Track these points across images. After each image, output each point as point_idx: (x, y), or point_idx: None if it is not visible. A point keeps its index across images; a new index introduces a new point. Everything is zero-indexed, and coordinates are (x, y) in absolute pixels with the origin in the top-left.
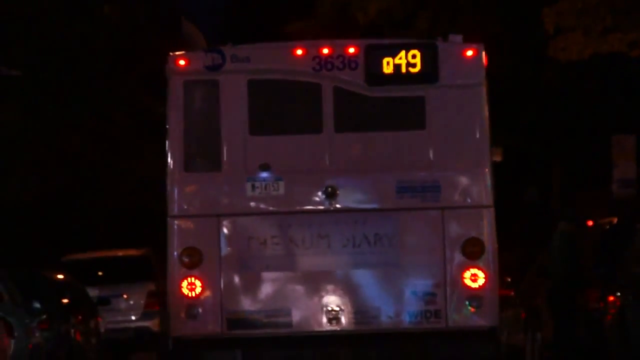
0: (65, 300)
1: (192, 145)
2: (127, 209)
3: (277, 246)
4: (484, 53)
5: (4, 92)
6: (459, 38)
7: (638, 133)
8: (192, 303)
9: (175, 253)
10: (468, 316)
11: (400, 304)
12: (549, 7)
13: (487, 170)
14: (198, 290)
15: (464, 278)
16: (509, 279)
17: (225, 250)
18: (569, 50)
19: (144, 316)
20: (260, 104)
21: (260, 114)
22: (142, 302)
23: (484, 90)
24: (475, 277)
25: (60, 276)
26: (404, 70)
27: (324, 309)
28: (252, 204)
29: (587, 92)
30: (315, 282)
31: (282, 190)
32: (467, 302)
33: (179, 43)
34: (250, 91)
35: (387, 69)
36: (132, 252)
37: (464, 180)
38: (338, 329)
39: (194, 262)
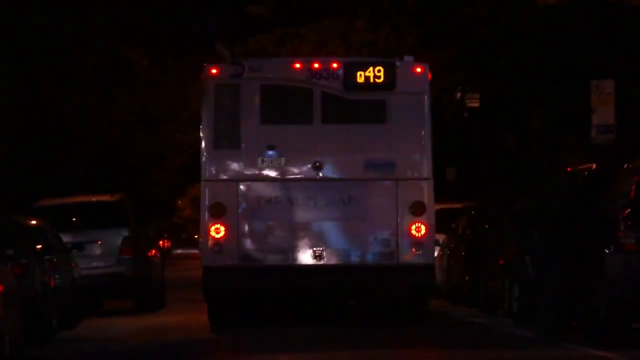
0: (38, 246)
1: (220, 130)
2: (100, 155)
3: (279, 204)
4: (428, 71)
5: None
6: (411, 58)
7: (617, 78)
8: (218, 242)
9: (206, 206)
10: (412, 256)
11: (365, 247)
12: None
13: (428, 155)
14: (222, 233)
15: (411, 229)
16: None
17: (241, 205)
18: None
19: (118, 262)
20: (269, 102)
21: (268, 108)
22: (116, 247)
23: (427, 96)
24: (418, 229)
25: (33, 222)
26: (371, 80)
27: (311, 248)
28: (262, 173)
29: (566, 36)
30: (305, 230)
31: (283, 164)
32: (412, 246)
33: (212, 57)
34: (262, 93)
35: (360, 79)
36: (106, 197)
37: (411, 161)
38: (320, 263)
39: (219, 213)
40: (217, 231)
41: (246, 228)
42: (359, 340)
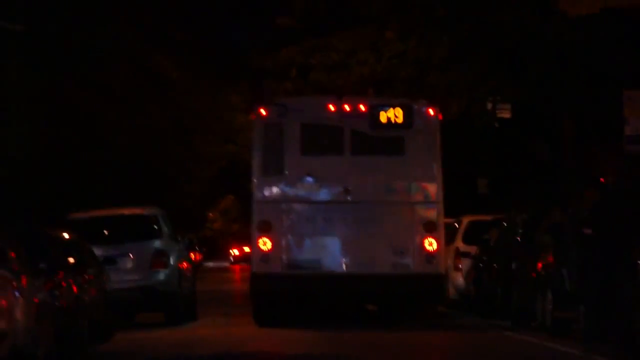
0: (71, 259)
1: (267, 160)
2: (132, 166)
3: (315, 221)
4: (439, 113)
5: (7, 46)
6: (425, 102)
7: None
8: (265, 253)
9: (256, 222)
10: (425, 266)
11: (386, 258)
12: None
13: (439, 182)
14: (268, 246)
15: (424, 244)
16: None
17: (284, 222)
18: (579, 4)
19: (150, 275)
20: (307, 137)
21: (307, 142)
22: (148, 261)
23: (438, 135)
24: (430, 244)
25: (66, 235)
26: (392, 120)
27: (341, 259)
28: (301, 195)
29: (598, 46)
30: (336, 244)
31: (318, 188)
32: (425, 258)
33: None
34: (302, 129)
35: (383, 119)
36: (138, 210)
37: (424, 187)
38: (349, 271)
39: (266, 228)
40: (264, 244)
41: (288, 241)
42: (388, 344)
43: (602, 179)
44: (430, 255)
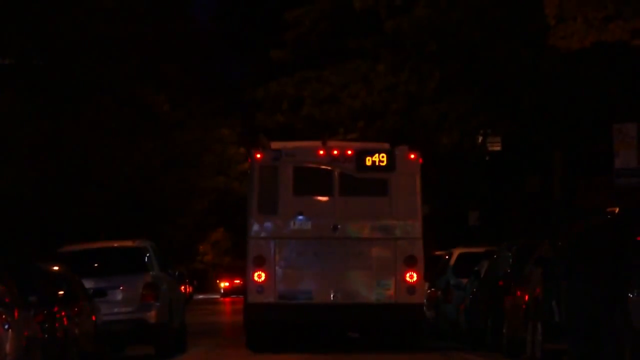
0: (61, 292)
1: (262, 199)
2: (123, 199)
3: (306, 256)
4: (420, 157)
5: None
6: (406, 147)
7: None
8: (259, 284)
9: (251, 257)
10: (407, 297)
11: (371, 289)
12: None
13: (419, 219)
14: (262, 278)
15: (406, 277)
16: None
17: (278, 256)
18: (569, 38)
19: (140, 308)
20: (299, 179)
21: (299, 184)
22: (138, 293)
23: (418, 176)
24: (411, 276)
25: (56, 268)
26: (377, 163)
27: (330, 290)
28: (293, 232)
29: (589, 80)
30: (325, 276)
31: (309, 226)
32: (406, 290)
33: (256, 143)
34: (294, 172)
35: (368, 162)
36: (128, 243)
37: (406, 225)
38: (336, 302)
39: (260, 262)
40: (259, 276)
41: (281, 274)
42: None
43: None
44: (411, 287)
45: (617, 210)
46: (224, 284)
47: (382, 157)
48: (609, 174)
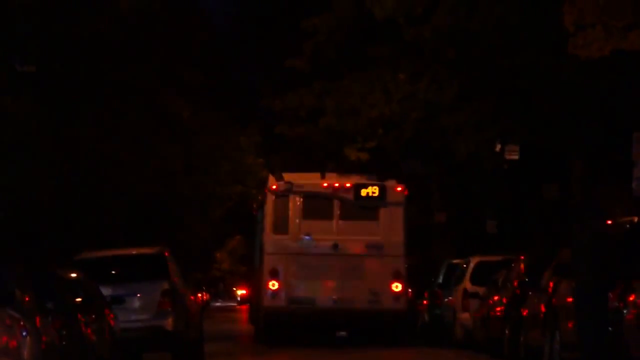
0: (78, 299)
1: (276, 222)
2: (142, 206)
3: (311, 269)
4: (405, 189)
5: (19, 87)
6: (394, 182)
7: None
8: (273, 292)
9: (267, 270)
10: (393, 304)
11: (364, 297)
12: (570, 3)
13: (403, 240)
14: (275, 286)
15: (392, 286)
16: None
17: (288, 269)
18: (589, 47)
19: (157, 315)
20: (307, 206)
21: (306, 210)
22: (155, 301)
23: (404, 206)
24: (397, 287)
25: (73, 275)
26: (370, 194)
27: (330, 297)
28: (301, 249)
29: (608, 88)
30: (327, 286)
31: (314, 244)
32: (393, 298)
33: (272, 174)
34: (304, 201)
35: (363, 193)
36: (146, 250)
37: (392, 244)
38: (335, 307)
39: (274, 274)
40: (273, 285)
41: (290, 284)
42: None
43: (609, 221)
44: (397, 295)
45: (635, 219)
46: (240, 292)
47: (375, 189)
48: (629, 183)
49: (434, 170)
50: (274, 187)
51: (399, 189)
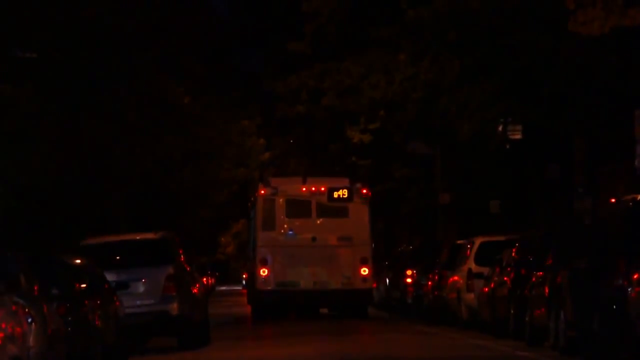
0: (83, 285)
1: (265, 221)
2: (145, 192)
3: (294, 257)
4: (369, 191)
5: (19, 75)
6: (360, 184)
7: None
8: (264, 277)
9: (258, 259)
10: (362, 284)
11: (338, 280)
12: None
13: (369, 232)
14: (266, 273)
15: (360, 270)
16: None
17: (276, 258)
18: (590, 24)
19: (162, 300)
20: (290, 206)
21: (289, 210)
22: (160, 285)
23: (368, 204)
24: (364, 270)
25: (78, 260)
26: (341, 196)
27: (310, 280)
28: (285, 242)
29: (610, 66)
30: (308, 271)
31: (296, 238)
32: (361, 279)
33: (262, 180)
34: (286, 202)
35: (335, 195)
36: (150, 235)
37: (360, 236)
38: (315, 288)
39: (264, 262)
40: (264, 272)
41: (277, 270)
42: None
43: (612, 199)
44: (364, 278)
45: (638, 197)
46: (245, 275)
47: (344, 192)
48: (630, 161)
49: (437, 151)
50: (262, 192)
51: (365, 190)
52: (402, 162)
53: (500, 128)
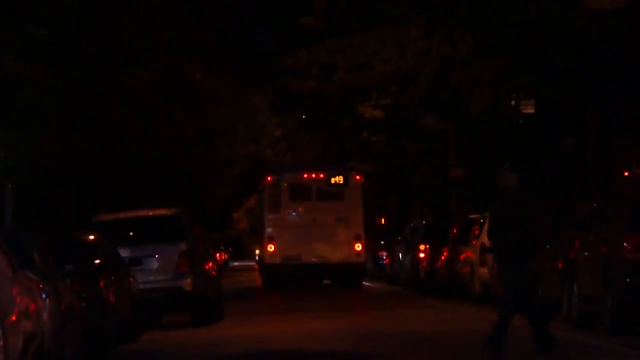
0: (97, 261)
1: (272, 204)
2: (157, 169)
3: (298, 236)
4: (362, 178)
5: (31, 52)
6: (354, 172)
7: None
8: (271, 253)
9: (266, 237)
10: (356, 258)
11: (335, 254)
12: None
13: (361, 212)
14: (272, 249)
15: (355, 246)
16: None
17: (281, 236)
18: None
19: (175, 276)
20: (293, 191)
21: (293, 194)
22: (174, 262)
23: (361, 190)
24: (358, 246)
25: (91, 237)
26: (338, 182)
27: (311, 255)
28: (290, 222)
29: (623, 40)
30: (309, 247)
31: (299, 219)
32: (355, 254)
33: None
34: (290, 188)
35: (332, 181)
36: (163, 211)
37: (354, 216)
38: (316, 262)
39: (271, 239)
40: (270, 247)
41: (282, 246)
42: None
43: (626, 172)
44: (358, 253)
45: None
46: (258, 251)
47: (340, 178)
48: None
49: (449, 126)
50: (269, 179)
51: (358, 177)
52: (414, 137)
53: (513, 102)
